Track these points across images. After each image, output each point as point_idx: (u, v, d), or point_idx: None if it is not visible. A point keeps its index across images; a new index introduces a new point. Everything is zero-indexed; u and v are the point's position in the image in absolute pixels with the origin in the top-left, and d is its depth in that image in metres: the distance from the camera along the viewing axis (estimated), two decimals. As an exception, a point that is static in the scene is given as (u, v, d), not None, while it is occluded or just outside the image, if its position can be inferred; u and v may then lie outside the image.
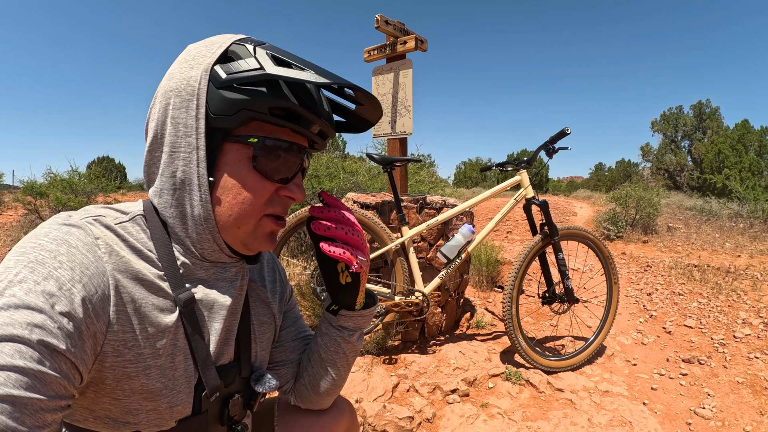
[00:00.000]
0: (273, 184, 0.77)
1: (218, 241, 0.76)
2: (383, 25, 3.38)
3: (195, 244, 0.76)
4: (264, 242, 0.80)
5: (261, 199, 0.76)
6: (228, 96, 0.70)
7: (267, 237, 0.80)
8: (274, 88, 0.72)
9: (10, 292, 0.56)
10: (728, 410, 2.52)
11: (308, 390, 1.03)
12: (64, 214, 0.70)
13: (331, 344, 0.99)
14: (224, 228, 0.76)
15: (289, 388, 1.07)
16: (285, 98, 0.72)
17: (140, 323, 0.70)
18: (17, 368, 0.52)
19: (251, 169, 0.74)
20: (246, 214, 0.75)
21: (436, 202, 3.24)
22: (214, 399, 0.81)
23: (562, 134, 2.73)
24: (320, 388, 1.02)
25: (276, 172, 0.76)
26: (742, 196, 12.35)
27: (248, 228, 0.77)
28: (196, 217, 0.74)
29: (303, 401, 1.06)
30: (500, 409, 2.41)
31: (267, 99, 0.71)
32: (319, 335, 1.02)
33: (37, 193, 7.60)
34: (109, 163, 24.25)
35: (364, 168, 6.27)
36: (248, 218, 0.76)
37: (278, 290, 1.03)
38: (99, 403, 0.69)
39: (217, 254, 0.79)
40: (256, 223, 0.77)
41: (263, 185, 0.75)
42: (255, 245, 0.79)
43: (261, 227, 0.78)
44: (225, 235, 0.77)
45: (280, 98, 0.72)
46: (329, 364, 1.00)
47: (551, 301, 2.96)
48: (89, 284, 0.63)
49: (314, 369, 1.02)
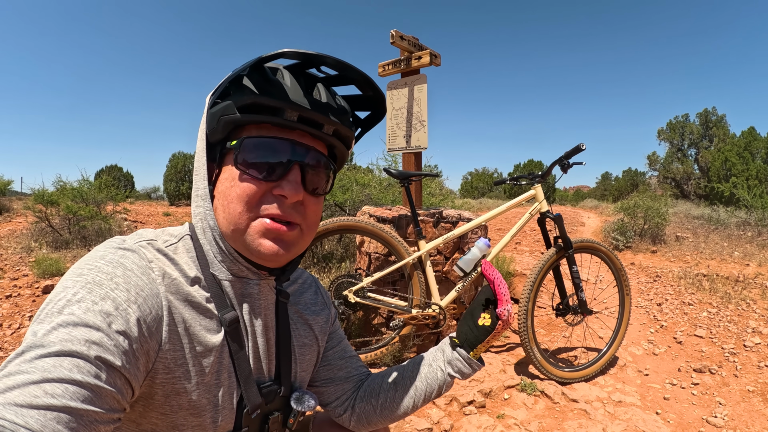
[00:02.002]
0: (261, 182, 0.75)
1: (228, 248, 0.78)
2: (398, 41, 3.45)
3: (217, 256, 0.79)
4: (261, 243, 0.76)
5: (249, 199, 0.74)
6: (212, 111, 0.77)
7: (267, 238, 0.76)
8: (239, 88, 0.75)
9: (69, 311, 0.59)
10: (740, 418, 2.57)
11: (375, 413, 1.05)
12: (119, 239, 0.74)
13: (432, 378, 1.02)
14: (225, 233, 0.77)
15: (340, 405, 1.09)
16: (248, 93, 0.74)
17: (189, 342, 0.73)
18: (75, 382, 0.54)
19: (236, 170, 0.75)
20: (234, 212, 0.75)
21: (452, 216, 3.30)
22: (255, 416, 0.83)
23: (577, 150, 2.81)
24: (393, 414, 1.04)
25: (259, 169, 0.75)
26: (749, 204, 12.30)
27: (241, 226, 0.75)
28: (207, 228, 0.78)
29: (359, 420, 1.07)
30: (516, 420, 2.46)
31: (234, 99, 0.74)
32: (424, 365, 1.05)
33: (48, 202, 7.58)
34: (117, 172, 24.32)
35: (375, 180, 6.34)
36: (237, 217, 0.75)
37: (322, 313, 1.05)
38: (146, 417, 0.73)
39: (238, 267, 0.80)
40: (248, 222, 0.75)
41: (249, 184, 0.74)
42: (255, 247, 0.76)
43: (255, 225, 0.75)
44: (230, 242, 0.78)
45: (244, 94, 0.74)
46: (418, 395, 1.03)
47: (565, 312, 3.02)
48: (144, 305, 0.66)
49: (397, 395, 1.04)
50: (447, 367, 1.02)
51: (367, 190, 5.85)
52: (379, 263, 3.20)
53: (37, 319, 0.60)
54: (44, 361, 0.54)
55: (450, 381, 1.03)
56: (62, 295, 0.61)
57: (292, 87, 0.75)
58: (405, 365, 1.09)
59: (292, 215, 0.77)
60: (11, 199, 13.63)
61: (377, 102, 0.90)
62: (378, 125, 0.97)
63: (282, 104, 0.74)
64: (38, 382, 0.52)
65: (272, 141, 0.76)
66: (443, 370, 1.02)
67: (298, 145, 0.78)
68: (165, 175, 22.18)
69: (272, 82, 0.75)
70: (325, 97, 0.80)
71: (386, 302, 2.95)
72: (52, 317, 0.59)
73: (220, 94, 0.77)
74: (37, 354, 0.55)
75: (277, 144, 0.76)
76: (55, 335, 0.56)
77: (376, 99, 0.89)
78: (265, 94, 0.74)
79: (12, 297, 4.50)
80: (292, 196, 0.76)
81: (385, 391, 1.06)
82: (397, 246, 2.93)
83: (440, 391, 1.03)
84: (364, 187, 5.86)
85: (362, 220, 2.91)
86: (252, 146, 0.75)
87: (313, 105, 0.77)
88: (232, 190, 0.75)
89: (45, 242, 7.02)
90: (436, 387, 1.02)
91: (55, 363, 0.54)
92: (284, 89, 0.75)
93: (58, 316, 0.59)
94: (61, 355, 0.55)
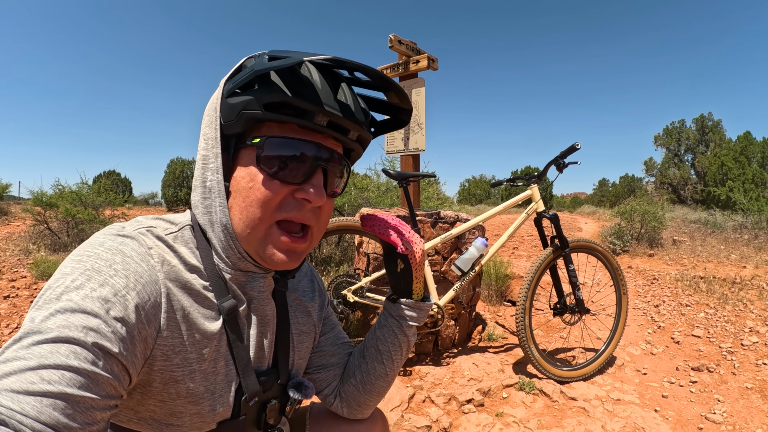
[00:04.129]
0: (283, 185, 0.73)
1: (238, 248, 0.76)
2: (396, 45, 3.50)
3: (223, 251, 0.77)
4: (274, 254, 0.76)
5: (269, 202, 0.73)
6: (231, 102, 0.73)
7: (279, 250, 0.76)
8: (266, 84, 0.71)
9: (67, 297, 0.59)
10: (738, 415, 2.58)
11: (359, 390, 1.05)
12: (118, 225, 0.74)
13: (389, 335, 1.03)
14: (239, 234, 0.75)
15: (331, 392, 1.08)
16: (277, 91, 0.70)
17: (188, 330, 0.73)
18: (72, 368, 0.54)
19: (258, 170, 0.73)
20: (254, 216, 0.73)
21: (449, 216, 3.32)
22: (253, 404, 0.83)
23: (572, 149, 2.83)
24: (373, 385, 1.04)
25: (283, 172, 0.73)
26: (746, 207, 12.35)
27: (258, 234, 0.74)
28: (218, 223, 0.75)
29: (349, 404, 1.07)
30: (515, 418, 2.47)
31: (259, 95, 0.70)
32: (378, 328, 1.05)
33: (47, 205, 7.59)
34: (115, 177, 24.33)
35: (373, 184, 6.37)
36: (257, 222, 0.73)
37: (317, 299, 1.06)
38: (144, 404, 0.72)
39: (243, 263, 0.79)
40: (267, 230, 0.74)
41: (270, 186, 0.73)
42: (267, 257, 0.76)
43: (272, 237, 0.75)
44: (241, 243, 0.76)
45: (272, 92, 0.70)
46: (385, 357, 1.03)
47: (562, 312, 3.03)
48: (143, 292, 0.66)
49: (368, 365, 1.04)
50: (398, 319, 1.03)
51: (366, 194, 5.87)
52: (378, 263, 3.21)
53: (35, 306, 0.60)
54: (41, 347, 0.54)
55: (408, 330, 1.03)
56: (61, 281, 0.61)
57: (323, 89, 0.73)
58: (366, 336, 1.10)
59: (310, 218, 0.77)
60: (9, 203, 13.60)
61: (402, 115, 0.89)
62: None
63: (315, 108, 0.71)
64: (35, 369, 0.52)
65: (298, 143, 0.74)
66: (397, 321, 1.03)
67: (323, 148, 0.76)
68: (163, 180, 22.19)
69: (303, 82, 0.72)
70: (351, 101, 0.78)
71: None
72: (50, 303, 0.59)
73: (242, 86, 0.73)
74: (35, 340, 0.55)
75: (304, 146, 0.74)
76: (52, 321, 0.56)
77: (401, 112, 0.89)
78: (297, 96, 0.71)
79: (10, 297, 4.50)
80: (317, 201, 0.75)
81: (357, 367, 1.06)
82: (396, 246, 2.93)
83: (405, 346, 1.05)
84: (362, 191, 5.89)
85: (361, 220, 2.92)
86: (277, 146, 0.73)
87: (344, 111, 0.75)
88: (252, 192, 0.73)
89: (43, 245, 7.03)
90: (398, 343, 1.03)
91: (52, 349, 0.54)
92: (316, 91, 0.72)
93: (56, 303, 0.58)
94: (59, 341, 0.55)
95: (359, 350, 1.10)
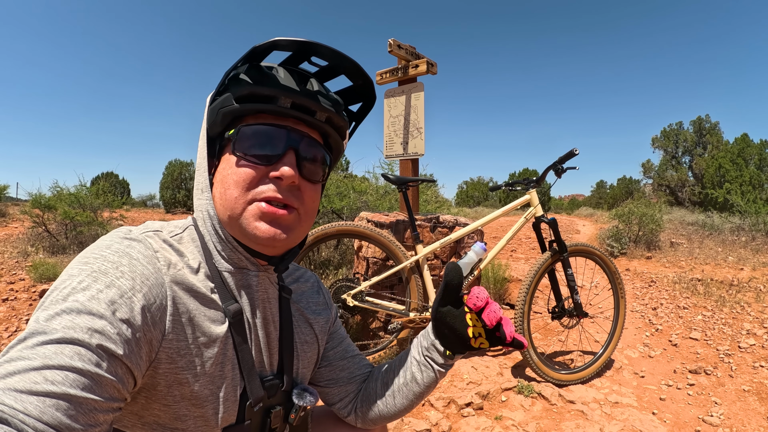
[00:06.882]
0: (257, 167, 0.77)
1: (227, 236, 0.79)
2: (396, 49, 3.51)
3: (217, 246, 0.80)
4: (257, 227, 0.77)
5: (245, 183, 0.76)
6: (212, 107, 0.80)
7: (259, 219, 0.77)
8: (236, 83, 0.78)
9: (73, 298, 0.59)
10: (735, 417, 2.60)
11: (382, 418, 1.06)
12: (125, 229, 0.75)
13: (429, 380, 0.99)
14: (223, 220, 0.79)
15: (344, 407, 1.09)
16: (244, 84, 0.77)
17: (193, 333, 0.73)
18: (76, 369, 0.55)
19: (233, 156, 0.78)
20: (231, 197, 0.76)
21: (448, 221, 3.34)
22: (258, 409, 0.84)
23: (570, 155, 2.85)
24: (398, 415, 1.05)
25: (255, 154, 0.77)
26: (743, 209, 12.38)
27: (237, 211, 0.76)
28: (206, 216, 0.80)
29: (364, 422, 1.08)
30: (514, 421, 2.48)
31: (232, 92, 0.78)
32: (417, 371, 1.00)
33: (45, 206, 7.56)
34: (113, 179, 24.28)
35: (372, 188, 6.38)
36: (234, 202, 0.76)
37: (323, 313, 1.06)
38: (149, 408, 0.73)
39: (236, 256, 0.81)
40: (245, 206, 0.77)
41: (246, 169, 0.76)
42: (251, 231, 0.77)
43: (251, 210, 0.76)
44: (227, 228, 0.79)
45: (241, 86, 0.77)
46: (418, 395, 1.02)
47: (561, 315, 3.04)
48: (149, 294, 0.66)
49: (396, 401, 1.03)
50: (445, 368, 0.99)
51: (365, 198, 5.89)
52: (377, 267, 3.23)
53: (41, 306, 0.60)
54: (46, 347, 0.55)
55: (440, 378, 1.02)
56: (67, 283, 0.62)
57: (285, 78, 0.79)
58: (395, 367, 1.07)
59: (290, 199, 0.79)
60: (7, 205, 13.54)
61: (367, 90, 0.92)
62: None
63: (275, 92, 0.77)
64: (39, 369, 0.53)
65: (268, 128, 0.78)
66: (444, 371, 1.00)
67: (293, 131, 0.80)
68: (161, 182, 22.16)
69: (267, 75, 0.78)
70: (317, 88, 0.83)
71: (384, 306, 2.97)
72: (56, 304, 0.59)
73: (219, 91, 0.81)
74: (39, 341, 0.55)
75: (273, 130, 0.78)
76: (57, 322, 0.57)
77: (365, 87, 0.92)
78: (259, 84, 0.77)
79: (9, 300, 4.49)
80: (288, 177, 0.76)
81: (380, 397, 1.05)
82: (395, 250, 2.96)
83: (432, 388, 1.03)
84: (361, 195, 5.90)
85: (361, 225, 2.94)
86: (249, 133, 0.78)
87: (305, 92, 0.80)
88: (230, 176, 0.77)
89: (42, 247, 7.00)
90: (436, 383, 1.02)
91: (57, 350, 0.55)
92: (278, 79, 0.78)
93: (62, 303, 0.59)
94: (63, 342, 0.56)
95: (383, 378, 1.07)
